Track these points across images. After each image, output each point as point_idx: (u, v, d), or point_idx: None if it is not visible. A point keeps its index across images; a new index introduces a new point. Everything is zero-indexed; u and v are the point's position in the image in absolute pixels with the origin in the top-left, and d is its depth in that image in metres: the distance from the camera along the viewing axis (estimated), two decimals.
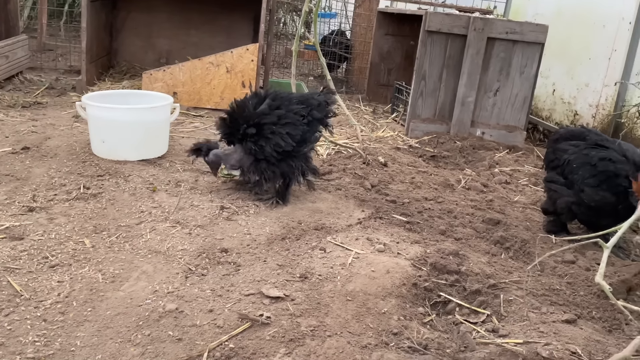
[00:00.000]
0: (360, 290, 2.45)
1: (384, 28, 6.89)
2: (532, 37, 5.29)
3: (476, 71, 5.32)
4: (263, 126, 3.26)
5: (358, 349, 2.01)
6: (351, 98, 7.05)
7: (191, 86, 5.55)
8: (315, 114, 3.42)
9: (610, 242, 1.76)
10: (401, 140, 5.35)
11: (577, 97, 5.97)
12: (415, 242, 3.04)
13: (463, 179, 4.36)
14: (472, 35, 5.20)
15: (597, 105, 5.64)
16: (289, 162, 3.33)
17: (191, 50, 6.80)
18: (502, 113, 5.53)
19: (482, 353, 2.03)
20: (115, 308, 2.16)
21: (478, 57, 5.27)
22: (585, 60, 5.85)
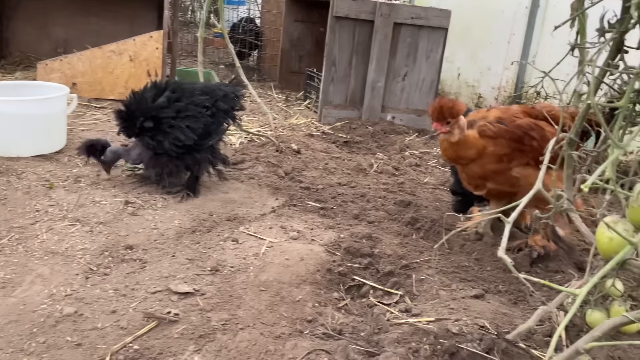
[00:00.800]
0: (274, 279, 2.40)
1: (293, 14, 6.84)
2: (437, 22, 5.42)
3: (384, 56, 5.38)
4: (161, 120, 3.10)
5: (271, 339, 1.96)
6: (263, 86, 6.95)
7: (92, 76, 5.24)
8: (221, 105, 3.30)
9: (511, 217, 1.81)
10: (314, 127, 5.34)
11: (480, 80, 6.21)
12: (329, 227, 3.03)
13: (375, 163, 4.41)
14: (379, 20, 5.26)
15: (499, 88, 5.89)
16: (194, 156, 3.20)
17: (91, 39, 6.40)
18: (411, 97, 5.64)
19: (395, 334, 2.04)
20: (6, 316, 1.98)
21: (386, 43, 5.34)
22: (487, 45, 6.08)
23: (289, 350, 1.88)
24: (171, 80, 3.41)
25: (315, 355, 1.83)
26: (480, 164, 2.73)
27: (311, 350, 1.85)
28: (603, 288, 2.16)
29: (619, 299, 2.16)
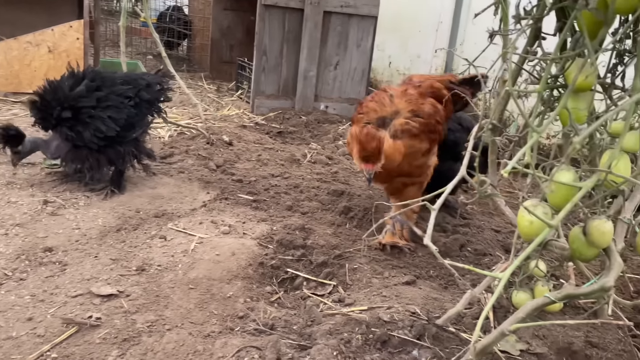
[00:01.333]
0: (204, 276, 2.33)
1: (222, 3, 6.68)
2: (366, 11, 5.43)
3: (315, 45, 5.35)
4: (80, 110, 2.94)
5: (200, 339, 1.91)
6: (194, 76, 6.78)
7: (8, 69, 4.94)
8: (144, 95, 3.16)
9: (437, 204, 1.82)
10: (247, 118, 5.25)
11: (410, 68, 6.29)
12: (261, 220, 2.98)
13: (309, 153, 4.38)
14: (308, 9, 5.21)
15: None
16: (117, 149, 3.07)
17: (6, 30, 6.00)
18: (344, 86, 5.65)
19: (328, 325, 2.03)
20: None
21: (316, 31, 5.30)
22: (416, 33, 6.16)
23: (218, 348, 1.82)
24: (90, 68, 3.23)
25: (246, 352, 1.79)
26: (406, 163, 2.60)
27: (241, 348, 1.81)
28: (527, 269, 2.23)
29: (542, 279, 2.24)
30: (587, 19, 1.61)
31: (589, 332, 2.25)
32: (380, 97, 2.65)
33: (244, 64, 5.97)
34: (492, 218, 3.54)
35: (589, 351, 2.14)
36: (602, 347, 2.16)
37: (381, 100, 2.62)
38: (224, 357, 1.77)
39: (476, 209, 3.59)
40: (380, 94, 2.69)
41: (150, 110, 3.28)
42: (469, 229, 3.17)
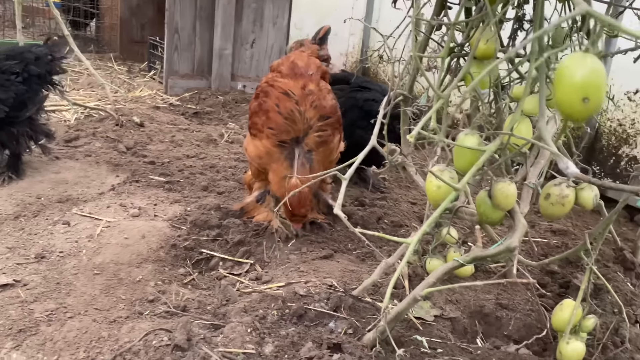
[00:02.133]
0: (110, 261, 2.22)
1: None
2: None
3: (230, 22, 5.21)
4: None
5: (106, 325, 1.80)
6: (103, 58, 6.44)
7: None
8: (33, 69, 2.91)
9: (347, 174, 1.80)
10: (160, 99, 5.05)
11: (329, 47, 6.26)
12: (175, 201, 2.88)
13: (226, 133, 4.28)
14: None
15: (347, 54, 5.98)
16: (9, 130, 2.84)
17: None
18: (261, 65, 5.55)
19: (243, 303, 1.98)
20: None
21: (230, 8, 5.16)
22: (333, 11, 6.12)
23: (125, 334, 1.73)
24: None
25: (154, 335, 1.71)
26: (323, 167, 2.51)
27: (150, 331, 1.72)
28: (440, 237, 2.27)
29: (454, 245, 2.28)
30: None
31: (499, 295, 2.33)
32: (288, 110, 2.38)
33: (156, 43, 5.73)
34: (409, 191, 3.59)
35: (499, 313, 2.21)
36: (511, 308, 2.24)
37: (292, 117, 2.38)
38: (130, 342, 1.68)
39: (393, 182, 3.64)
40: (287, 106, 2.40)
41: (42, 85, 3.03)
42: (386, 202, 3.20)
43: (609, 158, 3.47)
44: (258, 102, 2.51)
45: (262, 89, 2.55)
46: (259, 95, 2.53)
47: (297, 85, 2.47)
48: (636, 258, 2.58)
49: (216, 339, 1.74)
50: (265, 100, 2.46)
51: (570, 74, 0.86)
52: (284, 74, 2.57)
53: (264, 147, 2.41)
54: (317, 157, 2.46)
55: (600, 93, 0.85)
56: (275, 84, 2.49)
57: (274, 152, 2.40)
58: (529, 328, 2.16)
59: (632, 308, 2.19)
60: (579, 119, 0.91)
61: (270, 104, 2.43)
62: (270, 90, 2.48)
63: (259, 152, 2.44)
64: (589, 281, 1.84)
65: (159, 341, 1.68)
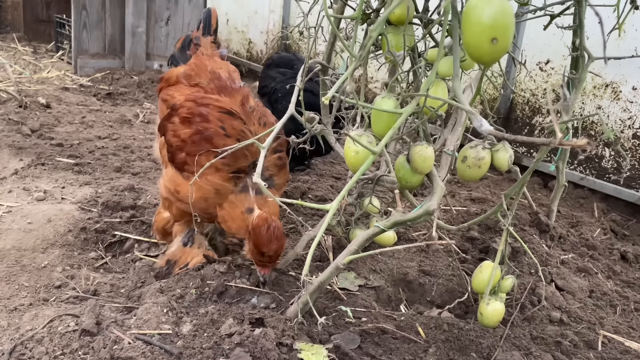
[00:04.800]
0: (12, 247, 2.05)
1: None
2: None
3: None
4: None
5: (5, 314, 1.66)
6: (5, 38, 6.00)
7: None
8: None
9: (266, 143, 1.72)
10: (70, 80, 4.76)
11: (249, 25, 6.12)
12: (85, 184, 2.71)
13: (142, 114, 4.09)
14: None
15: (267, 32, 5.87)
16: None
17: None
18: None
19: (159, 284, 1.87)
20: None
21: None
22: None
23: (27, 322, 1.59)
24: None
25: (60, 321, 1.58)
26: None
27: (54, 317, 1.59)
28: (362, 206, 2.25)
29: (377, 215, 2.27)
30: None
31: (421, 262, 2.35)
32: (238, 131, 1.91)
33: (63, 21, 5.39)
34: (333, 167, 3.57)
35: (422, 279, 2.22)
36: (434, 275, 2.26)
37: (244, 138, 1.86)
38: (32, 330, 1.54)
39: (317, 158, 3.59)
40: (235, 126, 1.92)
41: None
42: (310, 177, 3.16)
43: (523, 128, 3.58)
44: (194, 130, 1.90)
45: (192, 111, 1.94)
46: (191, 119, 1.92)
47: (235, 101, 2.00)
48: (550, 221, 2.67)
49: (129, 322, 1.63)
50: (205, 125, 1.90)
51: (478, 14, 0.83)
52: (207, 88, 2.08)
53: (211, 184, 1.84)
54: (278, 182, 2.04)
55: (508, 33, 0.83)
56: (210, 103, 1.96)
57: (226, 188, 1.86)
58: (451, 293, 2.19)
59: (548, 268, 2.26)
60: (488, 61, 0.89)
61: (213, 128, 1.89)
62: (206, 112, 1.92)
63: (204, 193, 1.84)
64: (506, 242, 1.87)
65: (65, 327, 1.55)
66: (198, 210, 1.86)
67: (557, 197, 2.72)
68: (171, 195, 1.94)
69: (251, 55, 6.12)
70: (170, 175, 1.95)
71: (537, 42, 3.36)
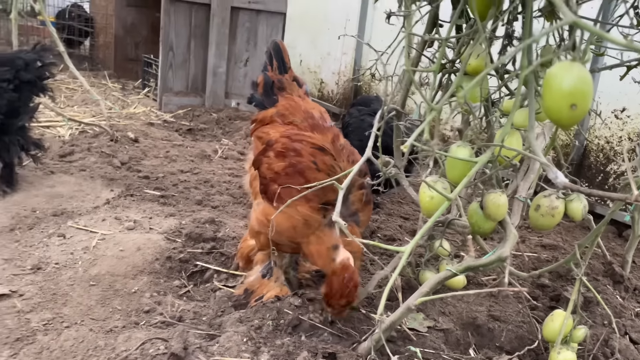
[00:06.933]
0: (106, 272, 2.23)
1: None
2: (274, 7, 5.43)
3: (224, 41, 5.28)
4: None
5: (102, 334, 1.81)
6: (97, 75, 6.48)
7: None
8: (24, 75, 2.90)
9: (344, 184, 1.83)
10: (155, 116, 5.09)
11: (321, 66, 6.34)
12: (170, 215, 2.89)
13: (220, 149, 4.31)
14: (215, 3, 5.13)
15: (339, 72, 6.06)
16: (1, 139, 2.84)
17: None
18: None
19: (238, 314, 1.99)
20: None
21: (224, 27, 5.23)
22: (325, 30, 6.22)
23: (121, 343, 1.74)
24: None
25: (151, 344, 1.72)
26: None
27: (146, 340, 1.74)
28: (433, 249, 2.31)
29: (446, 258, 2.32)
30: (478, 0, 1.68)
31: (491, 307, 2.36)
32: (329, 166, 2.02)
33: (150, 60, 5.79)
34: (401, 206, 3.63)
35: (491, 324, 2.24)
36: (503, 320, 2.27)
37: (334, 173, 1.98)
38: (127, 351, 1.69)
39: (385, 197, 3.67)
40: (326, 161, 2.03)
41: (33, 91, 3.02)
42: (379, 217, 3.23)
43: (597, 175, 3.53)
44: (287, 163, 2.03)
45: (286, 146, 2.08)
46: (285, 154, 2.06)
47: (327, 139, 2.12)
48: (625, 272, 2.62)
49: (212, 348, 1.75)
50: (298, 159, 2.02)
51: (559, 82, 0.91)
52: (301, 126, 2.21)
53: (300, 214, 1.93)
54: (363, 218, 2.11)
55: (587, 100, 0.90)
56: (303, 139, 2.09)
57: (314, 219, 1.95)
58: (521, 339, 2.19)
59: (622, 320, 2.23)
60: (567, 124, 0.95)
61: (305, 162, 2.01)
62: (299, 147, 2.05)
63: (293, 222, 1.94)
64: (579, 292, 1.87)
65: (155, 350, 1.69)
66: (286, 238, 1.99)
67: (632, 248, 2.67)
68: (262, 226, 2.06)
69: (322, 94, 6.32)
70: (262, 207, 2.09)
71: (613, 89, 3.33)
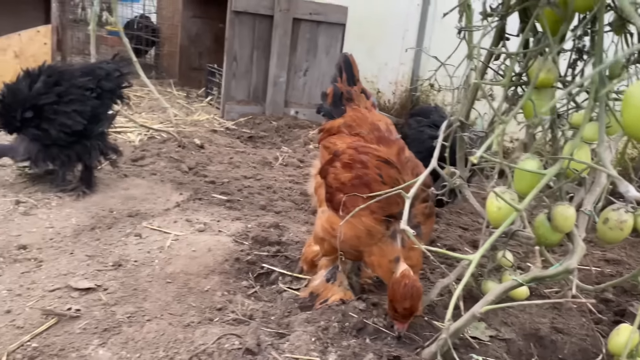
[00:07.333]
0: (180, 271, 2.36)
1: (190, 10, 6.70)
2: (335, 18, 5.54)
3: (285, 52, 5.42)
4: (42, 107, 2.91)
5: (180, 328, 1.93)
6: (162, 83, 6.75)
7: None
8: (105, 85, 3.10)
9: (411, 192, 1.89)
10: (217, 123, 5.27)
11: (378, 76, 6.42)
12: (236, 219, 3.02)
13: (280, 156, 4.44)
14: (278, 15, 5.29)
15: (396, 82, 6.12)
16: (84, 144, 3.04)
17: None
18: (313, 92, 5.72)
19: (305, 315, 2.08)
20: None
21: (286, 38, 5.38)
22: (383, 41, 6.30)
23: (199, 337, 1.85)
24: (45, 65, 3.10)
25: (226, 339, 1.83)
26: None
27: (222, 336, 1.84)
28: (496, 259, 2.33)
29: (509, 269, 2.34)
30: (549, 16, 1.72)
31: (554, 319, 2.36)
32: (393, 179, 2.06)
33: (214, 70, 6.00)
34: (460, 217, 3.65)
35: (554, 336, 2.24)
36: (566, 333, 2.27)
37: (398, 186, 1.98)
38: (204, 345, 1.80)
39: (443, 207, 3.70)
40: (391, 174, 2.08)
41: (113, 99, 3.22)
42: (438, 226, 3.27)
43: None
44: (354, 175, 2.09)
45: (353, 157, 2.14)
46: (352, 165, 2.12)
47: (392, 152, 2.18)
48: None
49: (283, 346, 1.84)
50: (364, 172, 2.08)
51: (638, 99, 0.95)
52: (368, 138, 2.26)
53: (363, 225, 2.00)
54: (425, 230, 2.13)
55: None
56: (370, 152, 2.15)
57: (377, 231, 2.01)
58: (585, 352, 2.19)
59: None
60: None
61: (371, 175, 2.07)
62: (366, 159, 2.11)
63: (357, 232, 2.01)
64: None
65: (230, 345, 1.79)
66: (349, 246, 2.07)
67: None
68: (326, 233, 2.16)
69: (379, 104, 6.38)
70: (327, 215, 2.18)
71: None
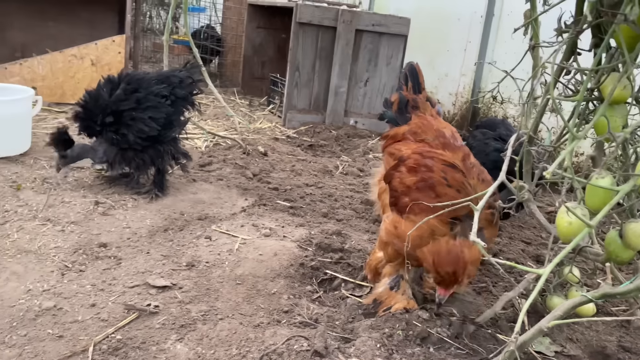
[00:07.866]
0: (249, 273, 2.46)
1: (255, 21, 6.89)
2: (396, 30, 5.59)
3: (347, 62, 5.51)
4: (122, 113, 3.10)
5: (251, 328, 2.02)
6: (226, 92, 6.97)
7: (52, 80, 5.17)
8: (179, 92, 3.26)
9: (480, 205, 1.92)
10: (279, 131, 5.40)
11: (438, 87, 6.41)
12: (299, 225, 3.10)
13: (340, 165, 4.51)
14: (341, 27, 5.38)
15: (456, 94, 6.10)
16: (157, 148, 3.20)
17: (50, 43, 6.27)
18: (373, 102, 5.78)
19: (369, 321, 2.13)
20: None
21: (348, 48, 5.47)
22: (444, 52, 6.29)
23: (268, 337, 1.94)
24: (124, 72, 3.32)
25: (295, 340, 1.90)
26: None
27: (290, 337, 1.92)
28: (562, 275, 2.31)
29: (576, 285, 2.32)
30: (625, 32, 1.72)
31: (621, 337, 2.32)
32: (459, 182, 2.12)
33: (277, 79, 6.15)
34: (522, 231, 3.61)
35: (621, 355, 2.21)
36: (634, 352, 2.23)
37: (464, 190, 2.09)
38: (274, 345, 1.88)
39: (505, 221, 3.67)
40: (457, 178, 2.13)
41: (185, 105, 3.38)
42: (501, 239, 3.25)
43: None
44: (419, 178, 2.16)
45: (418, 162, 2.21)
46: (417, 169, 2.19)
47: (457, 157, 2.23)
48: None
49: (349, 350, 1.90)
50: (429, 175, 2.15)
51: None
52: (433, 144, 2.32)
53: (428, 224, 2.02)
54: (488, 235, 2.16)
55: None
56: (435, 156, 2.21)
57: (441, 230, 2.06)
58: None
59: None
60: None
61: (436, 177, 2.13)
62: (431, 163, 2.17)
63: (420, 231, 2.04)
64: None
65: (299, 346, 1.87)
66: (411, 247, 2.09)
67: None
68: (390, 236, 2.20)
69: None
70: (391, 218, 2.23)
71: None
